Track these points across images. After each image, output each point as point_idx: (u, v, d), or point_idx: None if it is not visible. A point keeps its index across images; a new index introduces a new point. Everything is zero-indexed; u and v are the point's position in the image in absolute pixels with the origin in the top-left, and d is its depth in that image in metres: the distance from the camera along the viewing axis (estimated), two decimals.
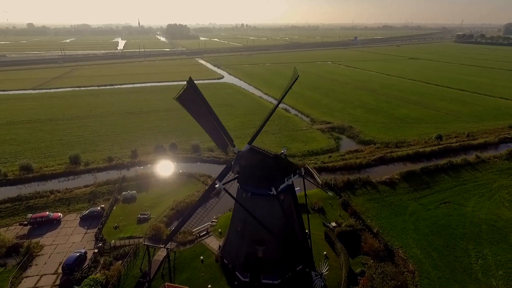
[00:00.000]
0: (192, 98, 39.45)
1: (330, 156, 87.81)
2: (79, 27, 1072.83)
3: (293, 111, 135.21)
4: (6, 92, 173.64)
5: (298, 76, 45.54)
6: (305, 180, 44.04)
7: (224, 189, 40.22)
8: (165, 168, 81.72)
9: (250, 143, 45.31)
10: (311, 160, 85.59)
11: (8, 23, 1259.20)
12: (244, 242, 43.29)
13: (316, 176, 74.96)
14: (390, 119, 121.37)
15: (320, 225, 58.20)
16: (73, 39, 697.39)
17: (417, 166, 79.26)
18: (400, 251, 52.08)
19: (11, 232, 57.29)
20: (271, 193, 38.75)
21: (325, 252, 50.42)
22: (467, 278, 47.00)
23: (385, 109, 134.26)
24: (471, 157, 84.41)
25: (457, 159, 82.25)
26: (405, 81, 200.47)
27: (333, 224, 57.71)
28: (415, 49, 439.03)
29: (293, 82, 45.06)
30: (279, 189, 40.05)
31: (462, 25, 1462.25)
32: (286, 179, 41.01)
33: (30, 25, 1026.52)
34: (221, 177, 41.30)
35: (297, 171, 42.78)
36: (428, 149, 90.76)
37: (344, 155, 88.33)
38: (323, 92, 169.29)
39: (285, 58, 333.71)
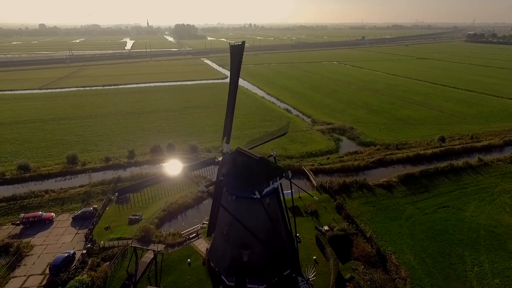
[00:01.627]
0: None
1: (328, 158, 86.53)
2: (89, 28, 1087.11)
3: (294, 112, 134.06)
4: (13, 92, 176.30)
5: (287, 132, 45.02)
6: (292, 183, 42.99)
7: (208, 191, 39.49)
8: (159, 168, 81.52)
9: (228, 142, 44.70)
10: (308, 161, 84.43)
11: (21, 24, 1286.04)
12: (229, 246, 42.57)
13: (311, 178, 73.83)
14: (392, 120, 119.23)
15: (312, 228, 57.21)
16: (83, 39, 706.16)
17: (417, 169, 77.50)
18: (393, 257, 50.78)
19: (4, 231, 57.69)
20: (255, 196, 37.90)
21: (314, 257, 49.45)
22: (461, 286, 45.49)
23: (388, 110, 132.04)
24: (474, 160, 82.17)
25: (459, 162, 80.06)
26: (411, 81, 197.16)
27: (326, 227, 56.66)
28: (424, 48, 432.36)
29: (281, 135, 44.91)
30: (264, 193, 39.14)
31: (473, 24, 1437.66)
32: (271, 182, 40.09)
33: (41, 25, 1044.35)
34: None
35: (284, 174, 41.79)
36: (430, 151, 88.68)
37: (342, 157, 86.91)
38: (326, 92, 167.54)
39: (291, 58, 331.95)
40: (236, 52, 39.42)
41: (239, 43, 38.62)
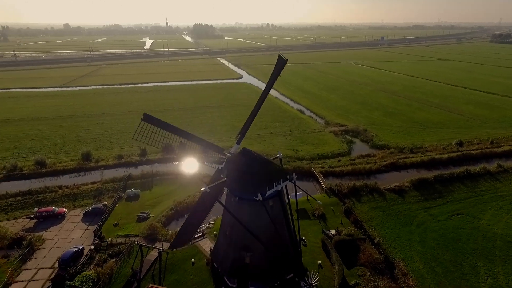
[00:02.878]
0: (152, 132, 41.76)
1: (339, 160, 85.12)
2: (110, 27, 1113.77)
3: (307, 113, 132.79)
4: (35, 90, 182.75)
5: (287, 60, 43.67)
6: (296, 187, 42.46)
7: (212, 194, 39.37)
8: (171, 167, 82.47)
9: (238, 142, 44.45)
10: (319, 163, 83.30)
11: (47, 24, 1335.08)
12: (231, 247, 42.43)
13: (321, 181, 72.80)
14: (408, 123, 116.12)
15: (319, 232, 56.33)
16: (104, 38, 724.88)
17: (431, 174, 74.98)
18: (402, 264, 49.27)
19: (19, 224, 59.71)
20: (257, 199, 37.58)
21: (319, 261, 48.60)
22: None
23: (404, 112, 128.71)
24: (492, 166, 78.89)
25: (476, 168, 77.06)
26: (430, 83, 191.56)
27: (333, 232, 55.68)
28: (445, 49, 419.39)
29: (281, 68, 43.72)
30: (266, 195, 38.76)
31: (500, 24, 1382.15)
32: (274, 184, 39.66)
33: (66, 25, 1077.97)
34: (211, 181, 40.60)
35: (288, 177, 41.28)
36: (446, 155, 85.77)
37: (354, 160, 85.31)
38: (340, 93, 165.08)
39: (307, 58, 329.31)
40: (280, 63, 42.41)
41: (286, 58, 42.51)
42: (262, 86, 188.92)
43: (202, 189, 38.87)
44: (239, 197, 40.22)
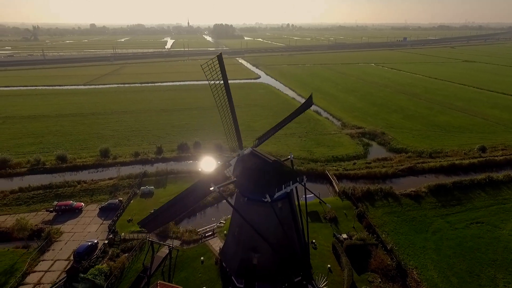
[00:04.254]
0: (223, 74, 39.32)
1: (354, 163, 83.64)
2: (134, 27, 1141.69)
3: (324, 114, 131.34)
4: (60, 87, 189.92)
5: (312, 104, 45.02)
6: (306, 189, 42.04)
7: (220, 192, 39.59)
8: (185, 165, 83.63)
9: (254, 147, 44.72)
10: (333, 166, 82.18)
11: (75, 24, 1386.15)
12: (240, 248, 42.54)
13: (334, 184, 71.79)
14: (428, 126, 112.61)
15: (330, 235, 55.61)
16: (127, 38, 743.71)
17: (450, 180, 72.45)
18: (414, 272, 47.96)
19: (39, 217, 62.22)
20: (265, 200, 37.49)
21: (329, 265, 47.94)
22: None
23: (425, 115, 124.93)
24: None
25: (499, 175, 73.85)
26: (453, 85, 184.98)
27: (344, 236, 54.78)
28: (472, 51, 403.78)
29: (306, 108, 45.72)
30: (275, 197, 38.58)
31: None
32: (283, 186, 39.42)
33: (92, 25, 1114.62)
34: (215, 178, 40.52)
35: (298, 179, 40.92)
36: (467, 161, 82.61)
37: (370, 163, 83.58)
38: (359, 95, 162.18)
39: (326, 59, 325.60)
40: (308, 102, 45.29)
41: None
42: (279, 86, 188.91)
43: (211, 188, 39.15)
44: (248, 197, 40.26)
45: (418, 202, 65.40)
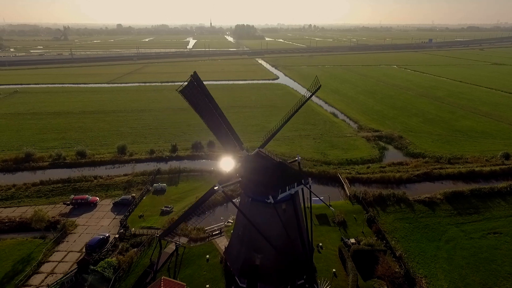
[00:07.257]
0: (196, 93, 40.39)
1: (368, 167, 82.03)
2: (158, 28, 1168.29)
3: (341, 116, 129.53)
4: (84, 85, 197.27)
5: (320, 86, 44.13)
6: (311, 192, 41.78)
7: (224, 192, 40.05)
8: (198, 164, 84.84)
9: (261, 147, 44.97)
10: (346, 169, 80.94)
11: (102, 24, 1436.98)
12: (243, 247, 42.78)
13: (346, 187, 70.73)
14: (449, 131, 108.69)
15: (337, 239, 54.90)
16: (151, 38, 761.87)
17: (468, 187, 69.67)
18: (423, 281, 46.51)
19: (57, 209, 65.01)
20: (268, 201, 37.56)
21: (334, 270, 47.32)
22: None
23: (446, 120, 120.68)
24: None
25: None
26: (479, 89, 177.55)
27: (352, 240, 53.93)
28: (502, 53, 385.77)
29: (315, 91, 44.00)
30: (279, 198, 38.59)
31: None
32: (287, 188, 39.34)
33: (119, 25, 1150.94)
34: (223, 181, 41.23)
35: (302, 181, 40.73)
36: (488, 168, 79.16)
37: (384, 167, 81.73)
38: (378, 97, 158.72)
39: (347, 60, 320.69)
40: (196, 89, 43.23)
41: (188, 81, 41.54)
42: (297, 87, 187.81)
43: (215, 187, 39.69)
44: (252, 198, 40.47)
45: (433, 209, 63.33)
